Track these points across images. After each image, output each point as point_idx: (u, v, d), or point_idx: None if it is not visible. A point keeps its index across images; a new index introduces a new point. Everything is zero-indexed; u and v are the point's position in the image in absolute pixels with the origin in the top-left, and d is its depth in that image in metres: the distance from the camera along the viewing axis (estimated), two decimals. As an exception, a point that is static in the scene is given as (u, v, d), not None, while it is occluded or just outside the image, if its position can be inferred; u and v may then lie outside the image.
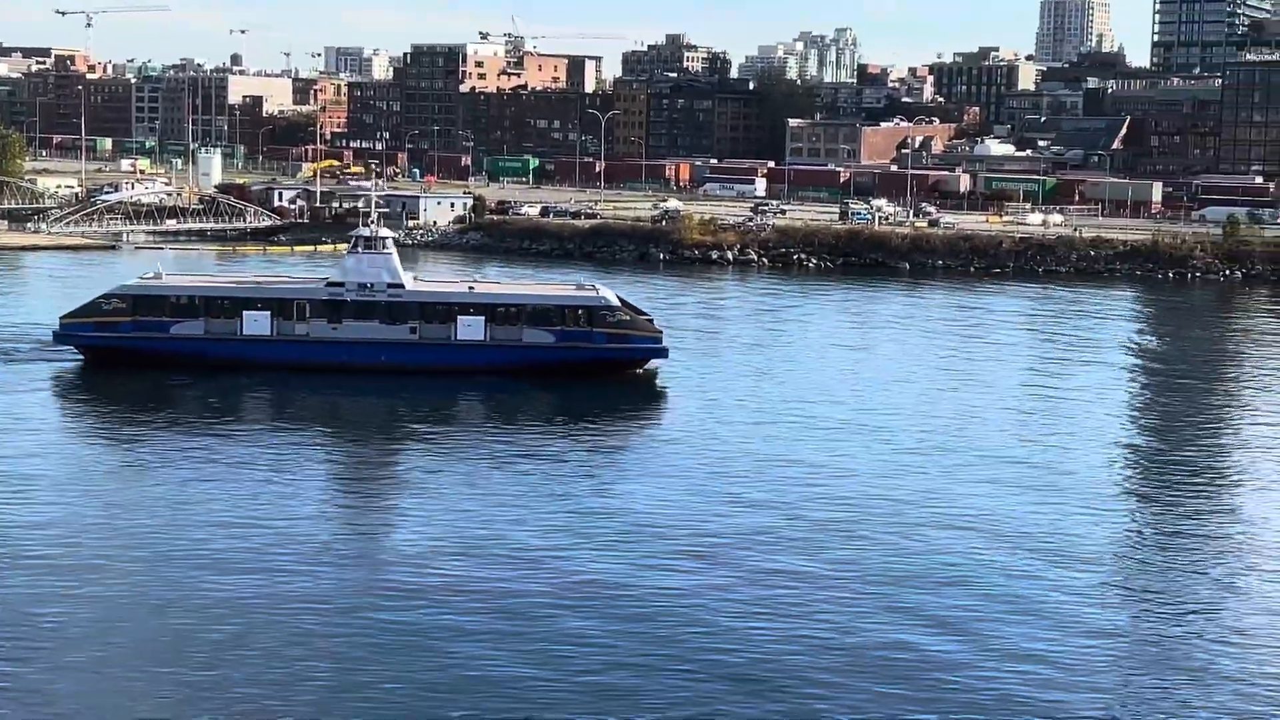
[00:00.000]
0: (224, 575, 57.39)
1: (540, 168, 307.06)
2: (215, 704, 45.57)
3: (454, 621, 52.98)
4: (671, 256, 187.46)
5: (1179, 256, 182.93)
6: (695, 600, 55.42)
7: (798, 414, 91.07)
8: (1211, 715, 46.21)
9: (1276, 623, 54.56)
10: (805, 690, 47.16)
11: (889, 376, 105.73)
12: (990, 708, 46.13)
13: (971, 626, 53.10)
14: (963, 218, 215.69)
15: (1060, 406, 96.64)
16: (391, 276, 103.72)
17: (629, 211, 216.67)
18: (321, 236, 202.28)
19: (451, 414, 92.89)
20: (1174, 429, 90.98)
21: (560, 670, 48.56)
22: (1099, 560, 61.97)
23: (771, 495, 71.00)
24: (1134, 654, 51.49)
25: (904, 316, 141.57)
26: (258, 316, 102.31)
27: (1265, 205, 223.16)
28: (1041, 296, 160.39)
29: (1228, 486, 76.76)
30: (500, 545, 62.06)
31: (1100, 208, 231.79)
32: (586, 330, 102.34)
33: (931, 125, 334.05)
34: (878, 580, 58.08)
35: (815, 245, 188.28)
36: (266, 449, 79.89)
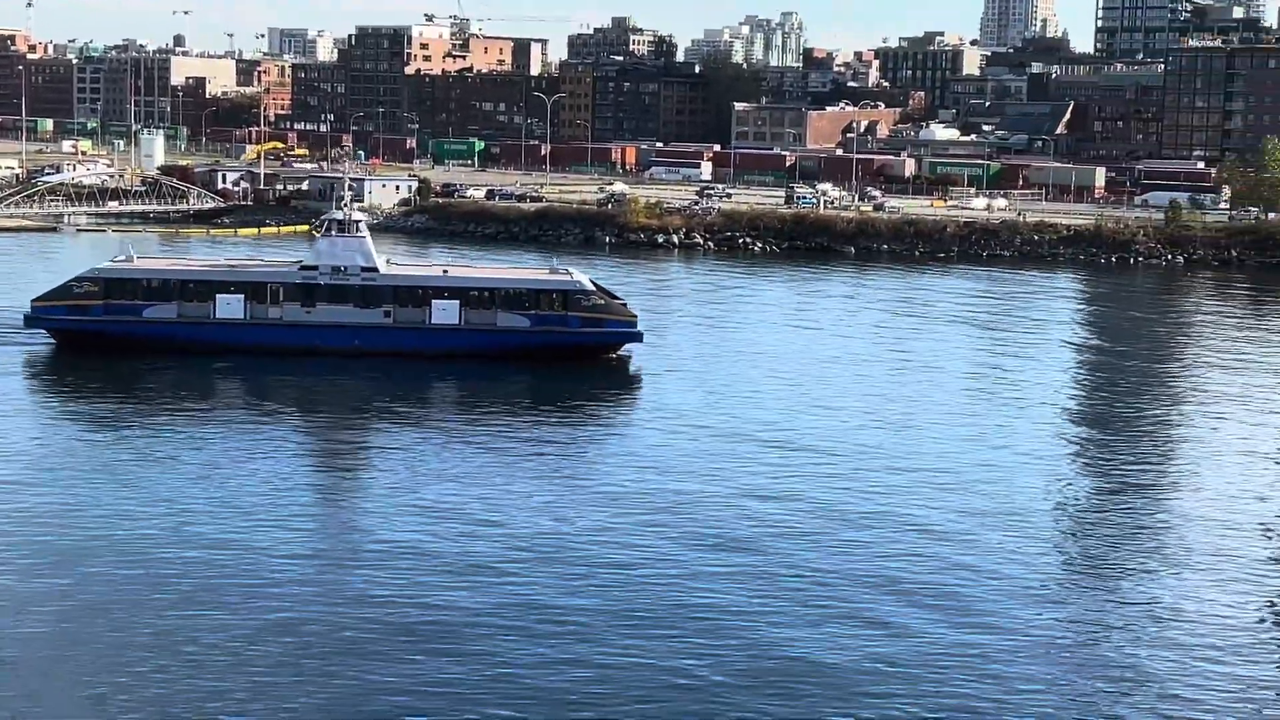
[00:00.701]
0: (196, 559, 56.91)
1: (486, 150, 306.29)
2: (182, 691, 45.23)
3: (425, 600, 53.11)
4: (617, 240, 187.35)
5: (1122, 241, 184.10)
6: (675, 580, 55.85)
7: (772, 397, 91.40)
8: (1153, 703, 46.56)
9: (1219, 602, 54.96)
10: (787, 657, 47.36)
11: (849, 358, 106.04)
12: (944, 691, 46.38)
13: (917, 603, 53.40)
14: (908, 202, 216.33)
15: (1004, 389, 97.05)
16: (365, 260, 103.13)
17: (575, 195, 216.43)
18: (265, 219, 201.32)
19: (425, 398, 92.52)
20: (1116, 411, 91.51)
21: (537, 646, 48.86)
22: (1046, 536, 62.29)
23: (750, 478, 71.20)
24: (1079, 637, 51.75)
25: (850, 300, 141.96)
26: (231, 300, 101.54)
27: (1207, 190, 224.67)
28: (986, 281, 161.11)
29: (1170, 466, 77.28)
30: (475, 529, 61.93)
31: (1044, 192, 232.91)
32: (561, 314, 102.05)
33: (877, 110, 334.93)
34: (841, 561, 58.27)
35: (761, 229, 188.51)
36: (240, 433, 79.45)
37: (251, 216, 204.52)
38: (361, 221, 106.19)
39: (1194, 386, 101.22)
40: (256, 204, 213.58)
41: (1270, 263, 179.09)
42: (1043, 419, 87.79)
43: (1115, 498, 70.42)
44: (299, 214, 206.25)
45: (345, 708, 44.50)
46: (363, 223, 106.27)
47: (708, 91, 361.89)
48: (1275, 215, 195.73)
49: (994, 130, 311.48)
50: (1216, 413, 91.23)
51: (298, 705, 44.61)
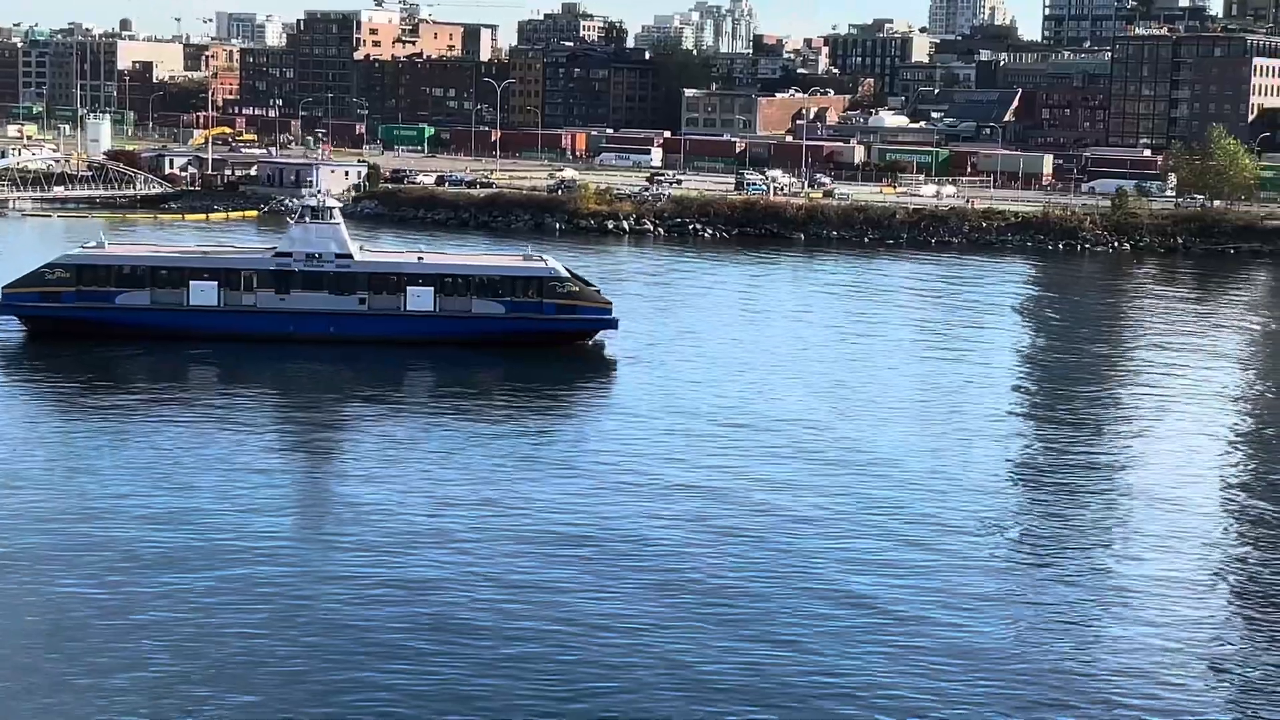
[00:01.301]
0: (168, 547, 56.77)
1: (436, 136, 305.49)
2: (153, 684, 45.09)
3: (396, 580, 53.38)
4: (567, 226, 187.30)
5: (1069, 228, 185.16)
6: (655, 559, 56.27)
7: (743, 382, 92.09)
8: (1097, 685, 47.04)
9: (1161, 582, 55.53)
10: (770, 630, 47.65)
11: (811, 344, 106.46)
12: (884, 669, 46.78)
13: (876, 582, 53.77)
14: (857, 189, 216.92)
15: (954, 375, 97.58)
16: (340, 247, 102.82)
17: (525, 181, 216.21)
18: (214, 204, 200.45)
19: (400, 385, 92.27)
20: (1063, 395, 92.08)
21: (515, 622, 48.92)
22: (991, 518, 62.75)
23: (726, 460, 71.82)
24: (1028, 620, 52.22)
25: (808, 287, 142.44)
26: (205, 287, 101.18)
27: (1153, 178, 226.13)
28: (935, 267, 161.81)
29: (1116, 447, 77.89)
30: (449, 514, 62.08)
31: (992, 179, 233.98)
32: (536, 301, 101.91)
33: (826, 97, 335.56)
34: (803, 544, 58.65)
35: (711, 215, 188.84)
36: (213, 420, 79.10)
37: (199, 202, 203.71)
38: (336, 208, 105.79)
39: (1140, 371, 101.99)
40: (204, 189, 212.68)
41: (1215, 250, 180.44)
42: (991, 404, 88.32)
43: (1064, 477, 70.93)
44: (247, 199, 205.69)
45: (313, 688, 44.62)
46: (337, 209, 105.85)
47: (658, 78, 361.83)
48: (1220, 202, 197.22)
49: (943, 117, 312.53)
50: (1162, 396, 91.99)
51: (264, 690, 44.64)
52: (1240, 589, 56.44)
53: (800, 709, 44.08)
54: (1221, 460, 76.60)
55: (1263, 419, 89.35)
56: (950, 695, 45.16)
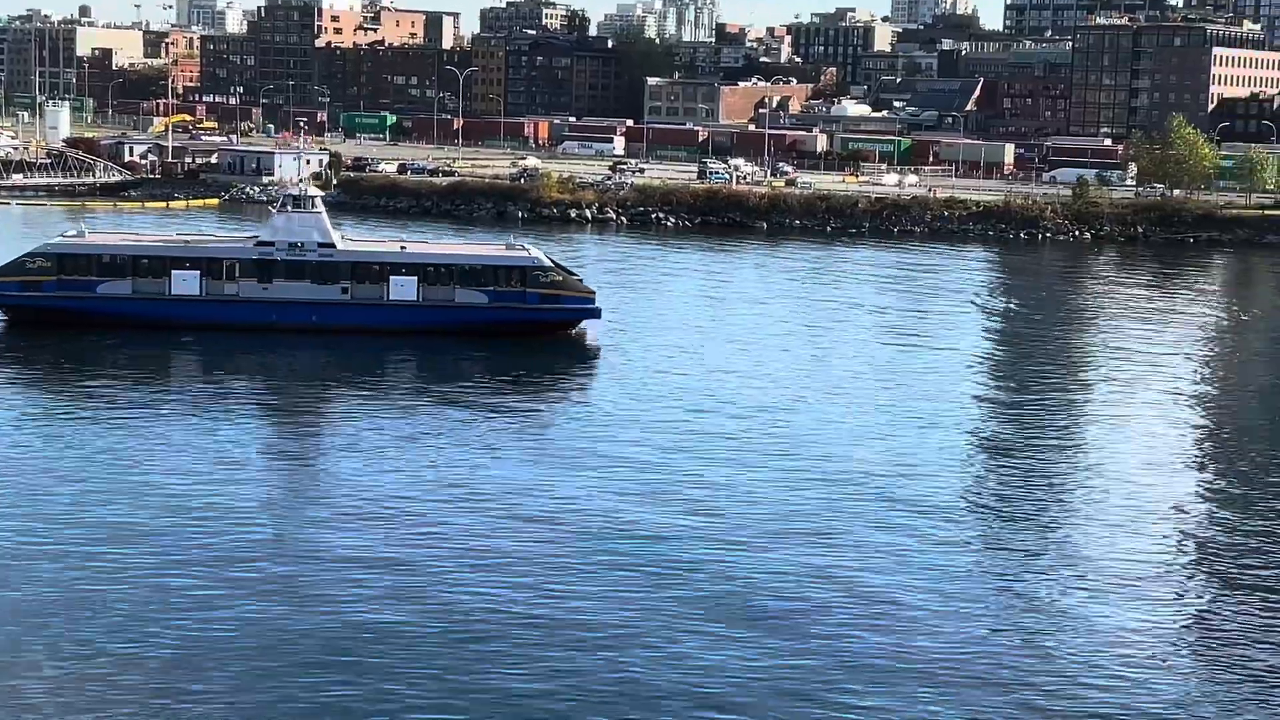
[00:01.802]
0: (149, 537, 56.46)
1: (398, 124, 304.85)
2: (134, 672, 44.88)
3: (378, 571, 53.23)
4: (530, 215, 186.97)
5: (1030, 217, 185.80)
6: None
7: (727, 371, 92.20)
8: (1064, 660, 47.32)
9: (1123, 563, 55.87)
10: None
11: (784, 333, 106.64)
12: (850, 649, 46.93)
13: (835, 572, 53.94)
14: (820, 178, 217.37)
15: (915, 364, 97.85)
16: (322, 236, 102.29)
17: (487, 169, 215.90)
18: (174, 193, 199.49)
19: (383, 375, 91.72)
20: (1024, 383, 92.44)
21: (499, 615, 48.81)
22: (954, 508, 62.98)
23: (713, 451, 71.69)
24: (989, 601, 52.46)
25: (783, 275, 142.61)
26: (187, 276, 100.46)
27: (1113, 167, 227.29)
28: (897, 256, 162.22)
29: (1076, 434, 78.27)
30: (432, 504, 61.88)
31: (954, 169, 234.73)
32: (520, 291, 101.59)
33: (789, 85, 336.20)
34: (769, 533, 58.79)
35: (673, 204, 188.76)
36: (195, 410, 78.54)
37: (159, 190, 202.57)
38: (317, 197, 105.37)
39: (1101, 358, 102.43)
40: (165, 177, 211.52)
41: (1175, 239, 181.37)
42: (953, 392, 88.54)
43: (1026, 463, 71.23)
44: (208, 188, 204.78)
45: (295, 681, 44.43)
46: (318, 198, 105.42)
47: (620, 66, 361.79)
48: (1180, 192, 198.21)
49: (905, 106, 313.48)
50: (1123, 383, 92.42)
51: (248, 672, 44.64)
52: (1199, 568, 56.78)
53: (764, 681, 44.20)
54: (1182, 445, 76.96)
55: (1222, 405, 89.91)
56: (915, 673, 45.33)
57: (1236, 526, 62.66)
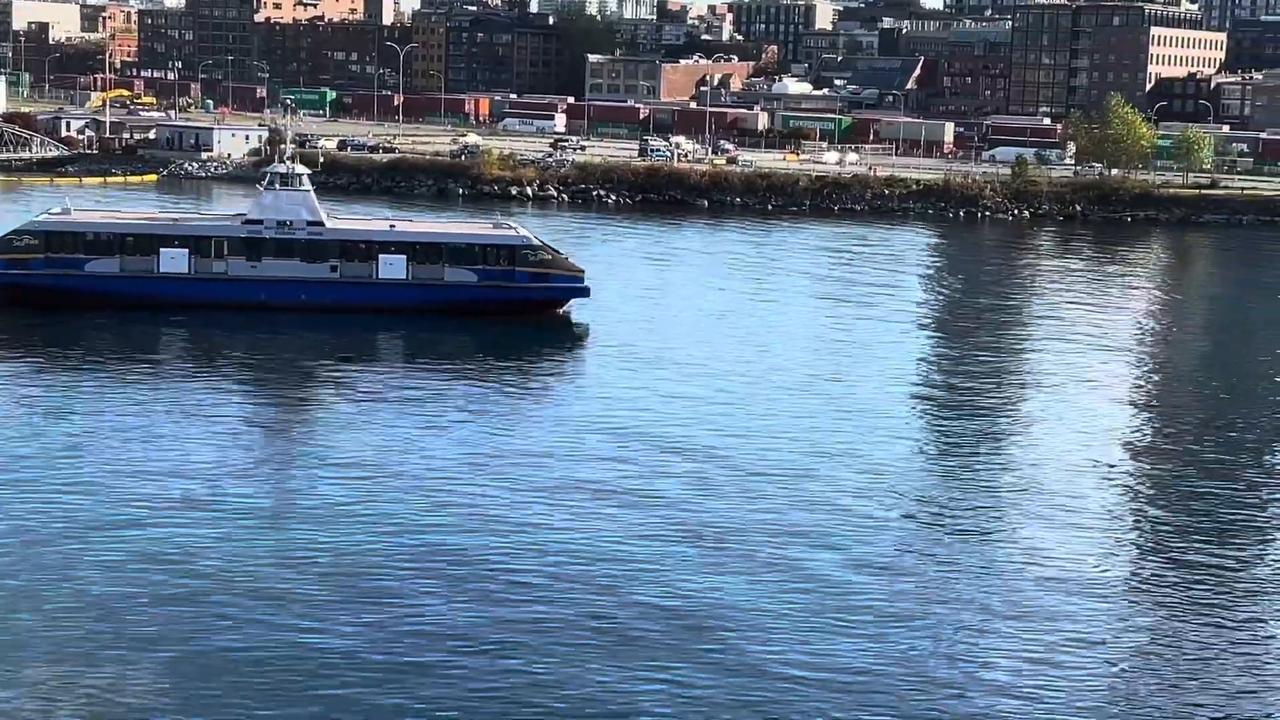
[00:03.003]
0: (137, 516, 56.33)
1: (338, 101, 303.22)
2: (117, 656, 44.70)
3: (370, 560, 53.11)
4: (470, 192, 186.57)
5: (969, 196, 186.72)
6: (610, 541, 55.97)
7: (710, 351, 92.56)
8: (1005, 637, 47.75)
9: (1064, 540, 56.37)
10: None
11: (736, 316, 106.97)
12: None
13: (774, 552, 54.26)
14: (761, 156, 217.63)
15: (855, 342, 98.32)
16: (311, 214, 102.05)
17: (428, 146, 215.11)
18: (112, 168, 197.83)
19: (372, 353, 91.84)
20: (963, 362, 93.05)
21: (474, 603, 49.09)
22: (893, 488, 63.39)
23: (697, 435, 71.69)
24: (930, 576, 52.86)
25: (731, 255, 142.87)
26: (175, 254, 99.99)
27: (1052, 146, 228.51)
28: (838, 234, 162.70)
29: (1015, 412, 78.86)
30: (420, 484, 61.90)
31: (894, 147, 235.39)
32: (509, 269, 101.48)
33: (730, 63, 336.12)
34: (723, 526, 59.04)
35: (615, 182, 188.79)
36: (184, 388, 78.37)
37: (97, 165, 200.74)
38: (304, 175, 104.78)
39: (1040, 337, 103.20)
40: (102, 153, 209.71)
41: (1113, 217, 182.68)
42: (892, 370, 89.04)
43: (967, 441, 71.78)
44: (146, 163, 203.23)
45: (283, 663, 44.37)
46: (305, 176, 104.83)
47: (562, 43, 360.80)
48: (1118, 171, 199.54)
49: (846, 85, 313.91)
50: (1062, 361, 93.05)
51: (232, 662, 44.53)
52: (1138, 546, 57.38)
53: (723, 654, 44.48)
54: (1120, 423, 77.57)
55: (1160, 383, 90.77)
56: (860, 653, 45.67)
57: (1172, 501, 63.38)
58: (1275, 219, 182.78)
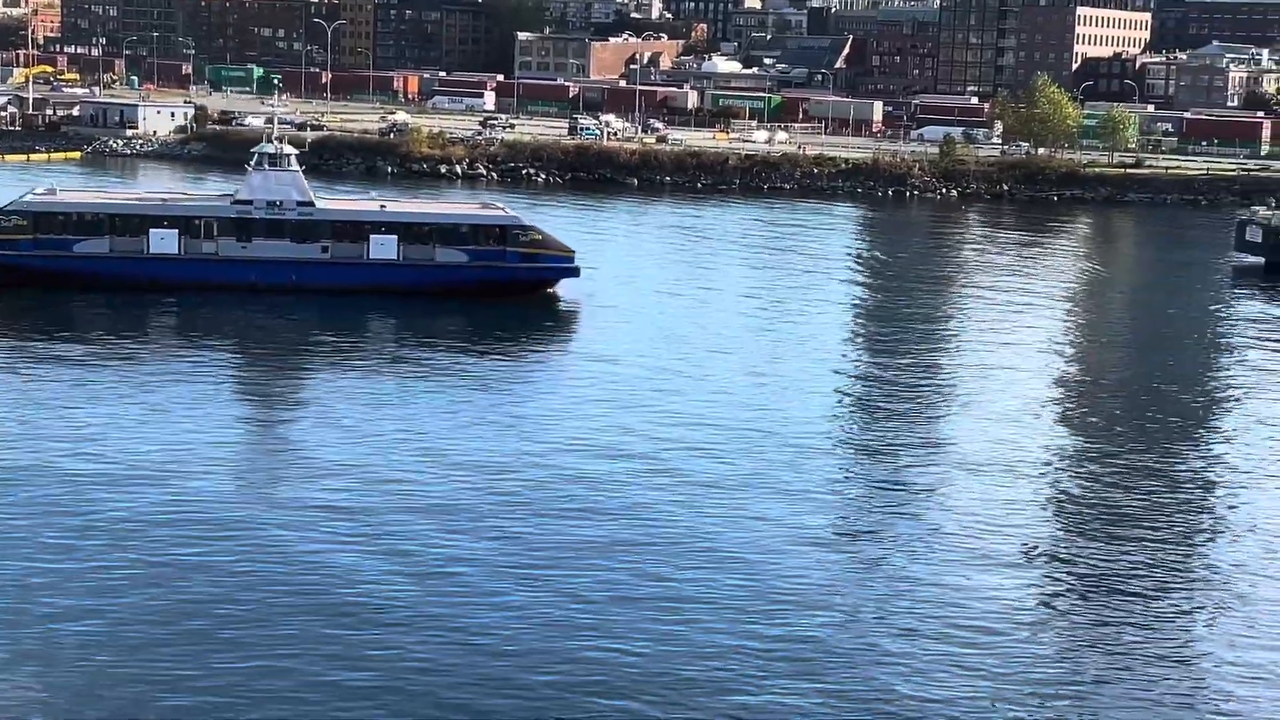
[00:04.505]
0: (125, 497, 55.98)
1: (265, 78, 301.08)
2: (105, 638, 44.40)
3: (352, 533, 53.16)
4: (399, 170, 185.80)
5: (898, 175, 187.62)
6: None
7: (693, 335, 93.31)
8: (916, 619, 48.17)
9: (986, 516, 56.91)
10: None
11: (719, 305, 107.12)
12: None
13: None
14: (690, 134, 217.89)
15: (784, 320, 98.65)
16: (301, 194, 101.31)
17: (356, 124, 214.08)
18: (35, 145, 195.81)
19: (363, 334, 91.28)
20: (892, 340, 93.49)
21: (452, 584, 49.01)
22: (820, 464, 63.76)
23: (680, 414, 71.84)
24: (855, 552, 53.22)
25: (667, 232, 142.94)
26: (165, 235, 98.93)
27: (980, 125, 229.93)
28: (768, 213, 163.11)
29: (941, 389, 79.42)
30: (411, 466, 61.62)
31: (823, 126, 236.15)
32: (500, 250, 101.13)
33: (660, 41, 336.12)
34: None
35: (544, 160, 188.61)
36: (174, 370, 77.76)
37: (20, 142, 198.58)
38: (292, 155, 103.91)
39: (968, 315, 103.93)
40: (25, 130, 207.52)
41: (1040, 196, 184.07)
42: (821, 349, 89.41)
43: (891, 417, 72.24)
44: (70, 140, 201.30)
45: (265, 645, 44.24)
46: (293, 156, 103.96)
47: (491, 21, 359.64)
48: (1045, 150, 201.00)
49: (775, 63, 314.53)
50: (990, 338, 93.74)
51: (226, 629, 44.60)
52: (1063, 518, 57.99)
53: (654, 628, 44.70)
54: (1046, 396, 78.21)
55: (1084, 358, 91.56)
56: (787, 637, 45.98)
57: (1097, 474, 64.02)
58: (1199, 198, 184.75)
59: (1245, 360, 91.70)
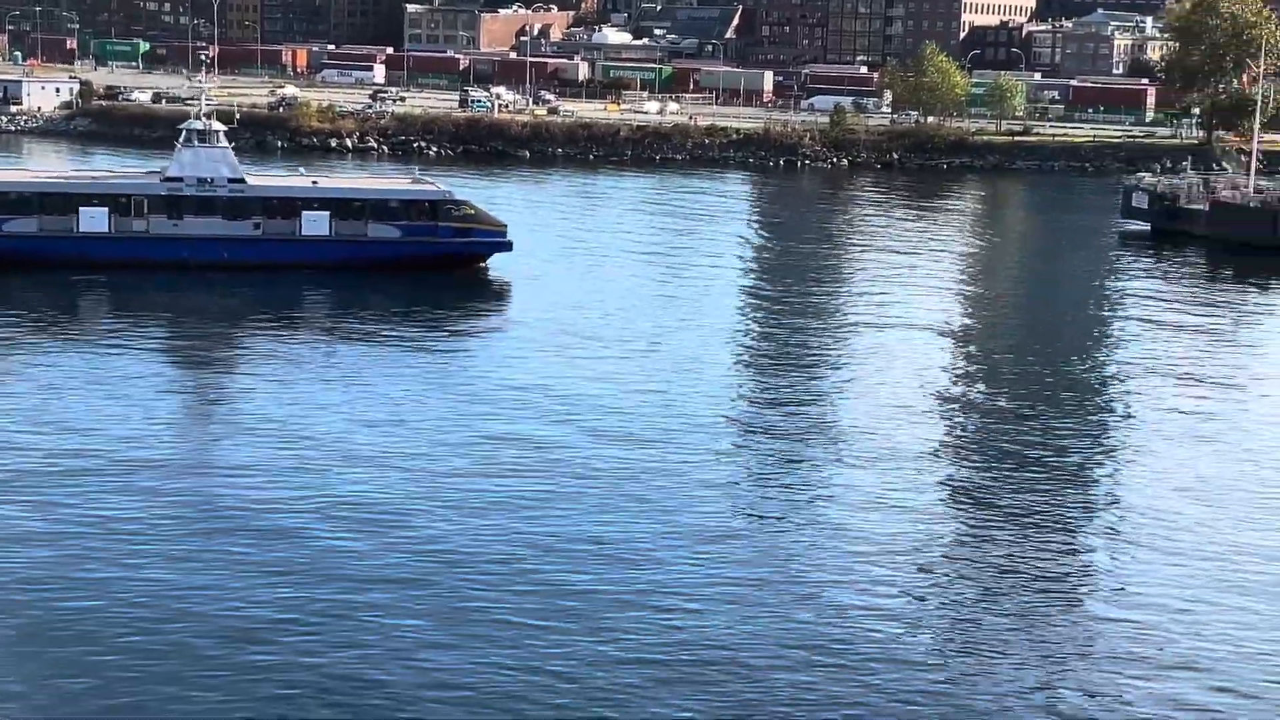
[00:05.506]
0: (54, 481, 55.35)
1: (151, 52, 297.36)
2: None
3: (286, 517, 52.69)
4: (289, 144, 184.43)
5: (789, 144, 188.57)
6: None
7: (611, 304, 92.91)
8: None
9: (883, 487, 57.61)
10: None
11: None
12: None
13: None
14: (582, 106, 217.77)
15: (677, 292, 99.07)
16: (231, 171, 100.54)
17: (244, 98, 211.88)
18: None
19: (295, 311, 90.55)
20: (784, 308, 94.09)
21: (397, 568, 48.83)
22: (714, 443, 64.22)
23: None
24: (751, 532, 53.70)
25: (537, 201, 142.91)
26: (95, 213, 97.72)
27: (869, 95, 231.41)
28: (660, 184, 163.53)
29: (835, 358, 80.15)
30: (344, 442, 61.38)
31: (714, 96, 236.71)
32: (431, 224, 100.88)
33: (550, 13, 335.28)
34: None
35: (435, 133, 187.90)
36: (105, 349, 76.77)
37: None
38: (221, 131, 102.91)
39: (860, 285, 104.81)
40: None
41: (929, 164, 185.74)
42: (715, 322, 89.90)
43: (783, 385, 72.79)
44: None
45: (193, 621, 44.06)
46: (222, 133, 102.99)
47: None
48: (933, 119, 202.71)
49: (665, 34, 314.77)
50: (876, 304, 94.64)
51: (167, 618, 44.18)
52: (952, 486, 58.78)
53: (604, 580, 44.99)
54: (935, 362, 79.01)
55: (973, 325, 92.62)
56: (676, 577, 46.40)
57: (984, 440, 64.96)
58: (1085, 165, 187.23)
59: (1133, 327, 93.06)
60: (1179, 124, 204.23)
